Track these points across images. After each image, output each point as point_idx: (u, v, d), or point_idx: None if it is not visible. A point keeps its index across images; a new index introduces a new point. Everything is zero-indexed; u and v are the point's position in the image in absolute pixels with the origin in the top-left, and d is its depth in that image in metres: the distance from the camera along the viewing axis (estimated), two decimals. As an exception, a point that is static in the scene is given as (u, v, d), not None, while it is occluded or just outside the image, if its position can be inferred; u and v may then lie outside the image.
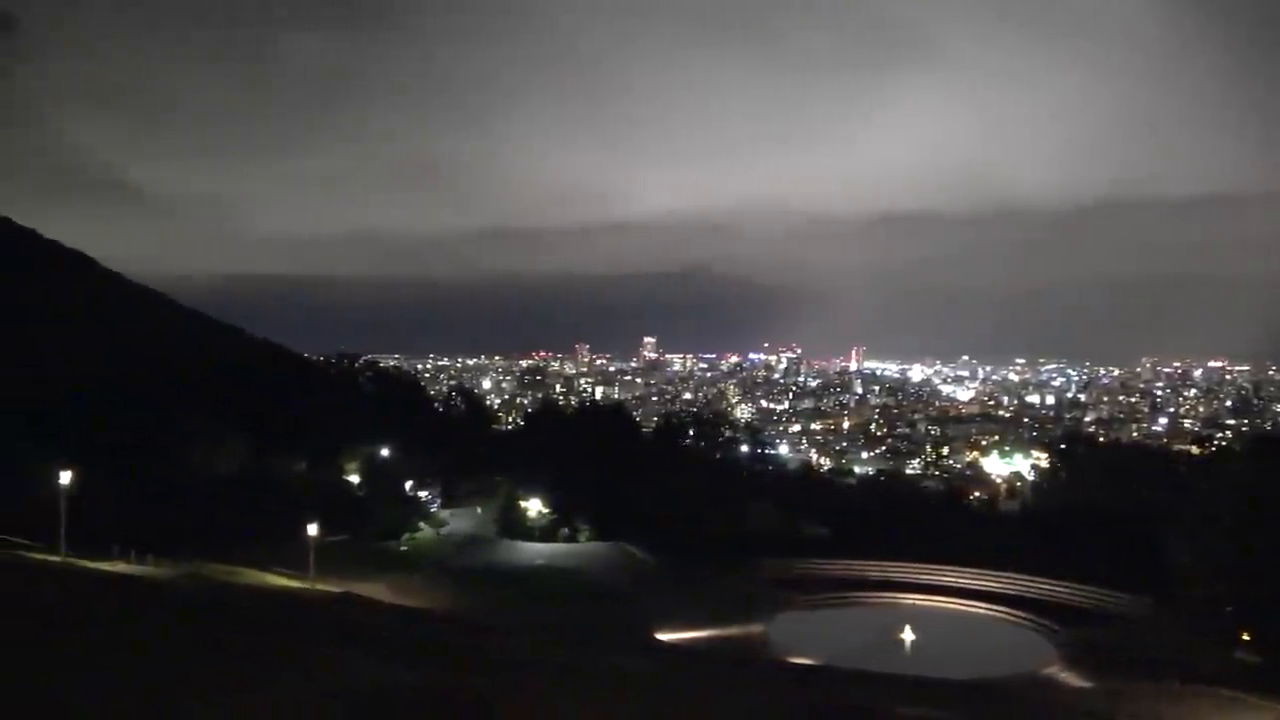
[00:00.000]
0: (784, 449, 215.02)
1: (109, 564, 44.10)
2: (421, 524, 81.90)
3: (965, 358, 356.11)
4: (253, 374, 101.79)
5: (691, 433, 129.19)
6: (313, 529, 52.63)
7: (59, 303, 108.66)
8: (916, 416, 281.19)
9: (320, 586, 49.10)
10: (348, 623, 31.45)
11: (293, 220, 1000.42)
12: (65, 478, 43.68)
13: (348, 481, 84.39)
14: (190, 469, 69.26)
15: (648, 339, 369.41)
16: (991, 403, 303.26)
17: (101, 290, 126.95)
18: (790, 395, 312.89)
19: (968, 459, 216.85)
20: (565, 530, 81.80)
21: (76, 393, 77.48)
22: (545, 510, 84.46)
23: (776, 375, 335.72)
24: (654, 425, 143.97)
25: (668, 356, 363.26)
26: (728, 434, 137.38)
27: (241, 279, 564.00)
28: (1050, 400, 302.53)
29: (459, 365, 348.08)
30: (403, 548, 74.53)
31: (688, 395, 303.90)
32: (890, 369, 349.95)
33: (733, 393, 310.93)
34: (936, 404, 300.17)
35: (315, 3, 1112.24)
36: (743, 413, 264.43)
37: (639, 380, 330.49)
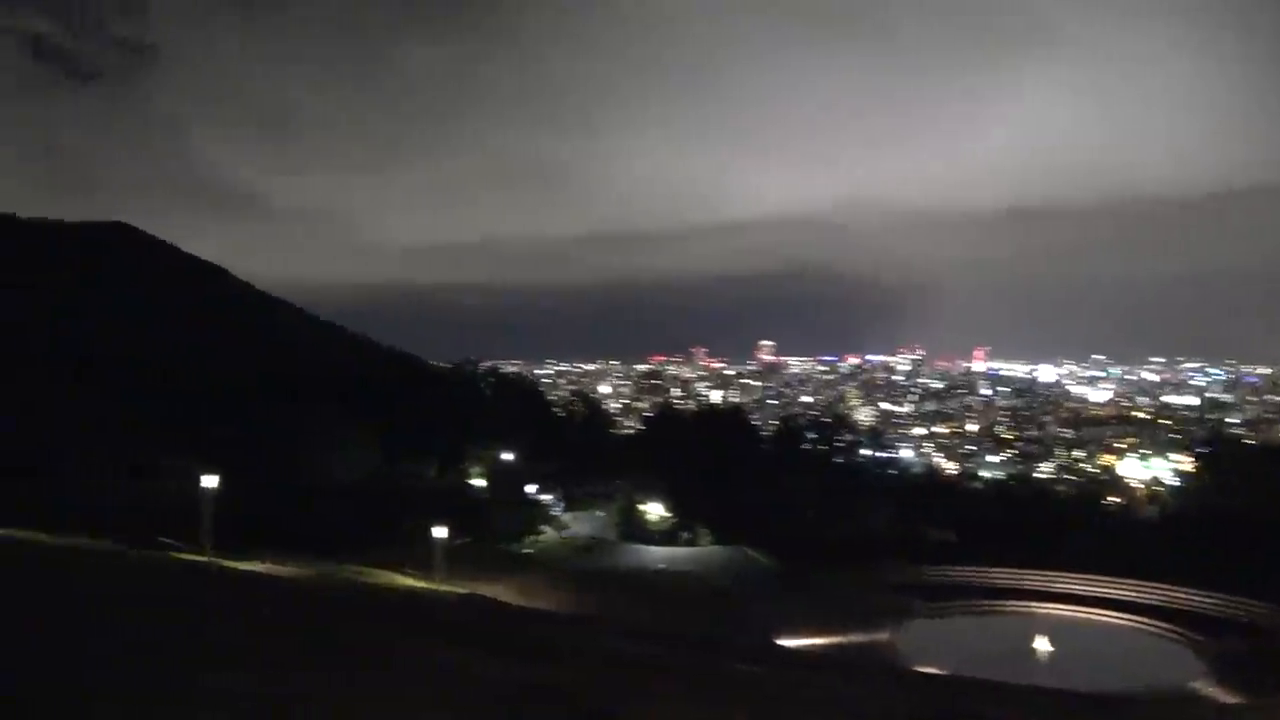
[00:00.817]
0: (907, 452, 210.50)
1: (250, 564, 46.21)
2: (544, 527, 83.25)
3: (1097, 356, 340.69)
4: (380, 381, 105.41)
5: (811, 436, 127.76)
6: (440, 532, 54.00)
7: (197, 312, 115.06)
8: (1046, 419, 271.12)
9: (447, 588, 50.35)
10: (473, 623, 32.20)
11: (413, 230, 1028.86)
12: (210, 481, 45.98)
13: (472, 485, 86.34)
14: (323, 474, 72.09)
15: (765, 341, 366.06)
16: (1127, 404, 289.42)
17: (236, 300, 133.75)
18: (913, 397, 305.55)
19: (1103, 463, 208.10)
20: (685, 534, 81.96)
21: (215, 400, 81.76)
22: (665, 514, 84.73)
23: (898, 377, 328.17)
24: (773, 428, 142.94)
25: (785, 359, 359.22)
26: (848, 437, 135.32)
27: (366, 288, 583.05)
28: (1191, 401, 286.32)
29: (577, 370, 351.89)
30: (526, 550, 75.79)
31: (806, 398, 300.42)
32: (1017, 369, 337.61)
33: (853, 395, 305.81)
34: (1067, 406, 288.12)
35: (429, 17, 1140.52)
36: (864, 416, 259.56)
37: (756, 383, 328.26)
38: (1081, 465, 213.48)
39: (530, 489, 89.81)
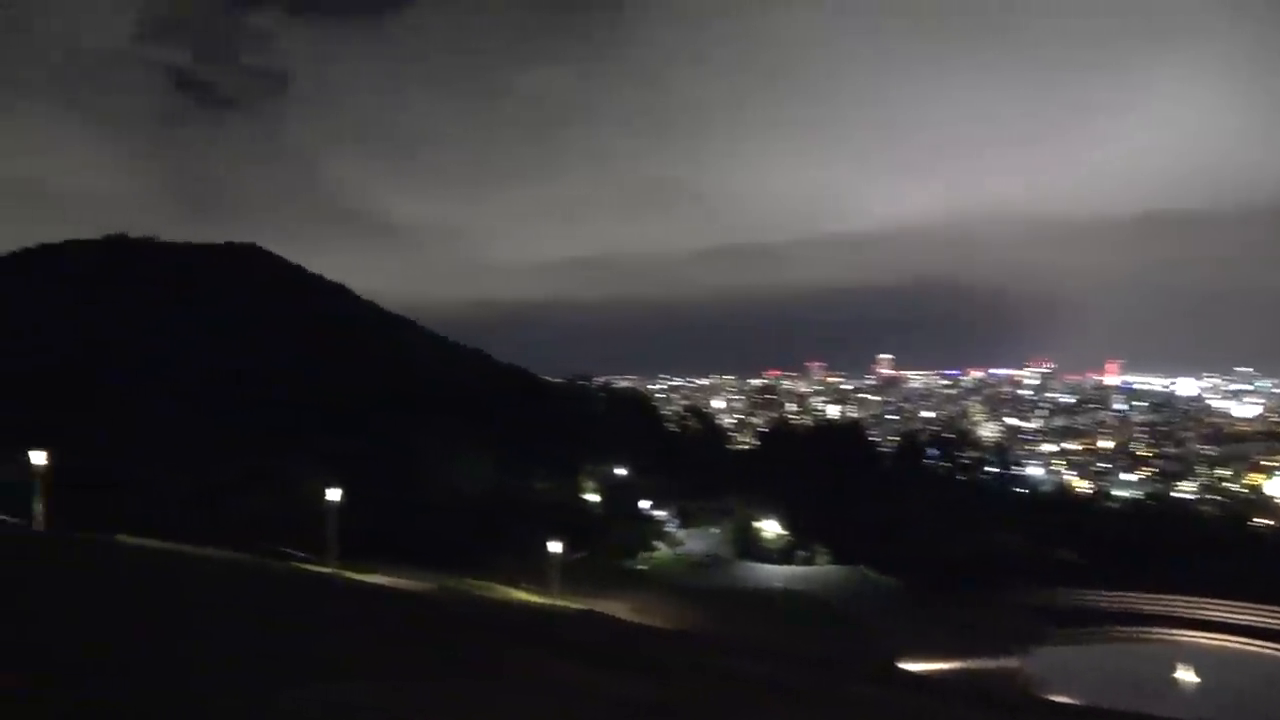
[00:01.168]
0: (1035, 470, 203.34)
1: (371, 575, 47.47)
2: (658, 543, 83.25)
3: (1242, 369, 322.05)
4: (496, 396, 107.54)
5: (933, 452, 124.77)
6: (555, 546, 54.52)
7: (319, 329, 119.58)
8: (1186, 435, 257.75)
9: (563, 603, 50.72)
10: (589, 639, 32.24)
11: (529, 247, 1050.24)
12: (334, 495, 47.51)
13: (586, 500, 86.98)
14: (441, 487, 73.67)
15: (883, 355, 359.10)
16: (1277, 419, 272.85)
17: (358, 317, 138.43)
18: (1041, 413, 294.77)
19: (1250, 482, 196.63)
20: (802, 553, 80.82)
21: (336, 413, 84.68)
22: (781, 532, 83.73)
23: (1025, 391, 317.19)
24: (892, 444, 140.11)
25: (905, 373, 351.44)
26: (972, 454, 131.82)
27: (484, 304, 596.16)
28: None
29: (690, 385, 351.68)
30: (641, 566, 75.87)
31: (927, 413, 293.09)
32: (1154, 383, 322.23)
33: (977, 410, 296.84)
34: (1209, 421, 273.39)
35: (547, 38, 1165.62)
36: (988, 431, 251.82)
37: (875, 398, 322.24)
38: (1226, 484, 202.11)
39: (644, 505, 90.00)
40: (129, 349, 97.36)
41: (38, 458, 37.07)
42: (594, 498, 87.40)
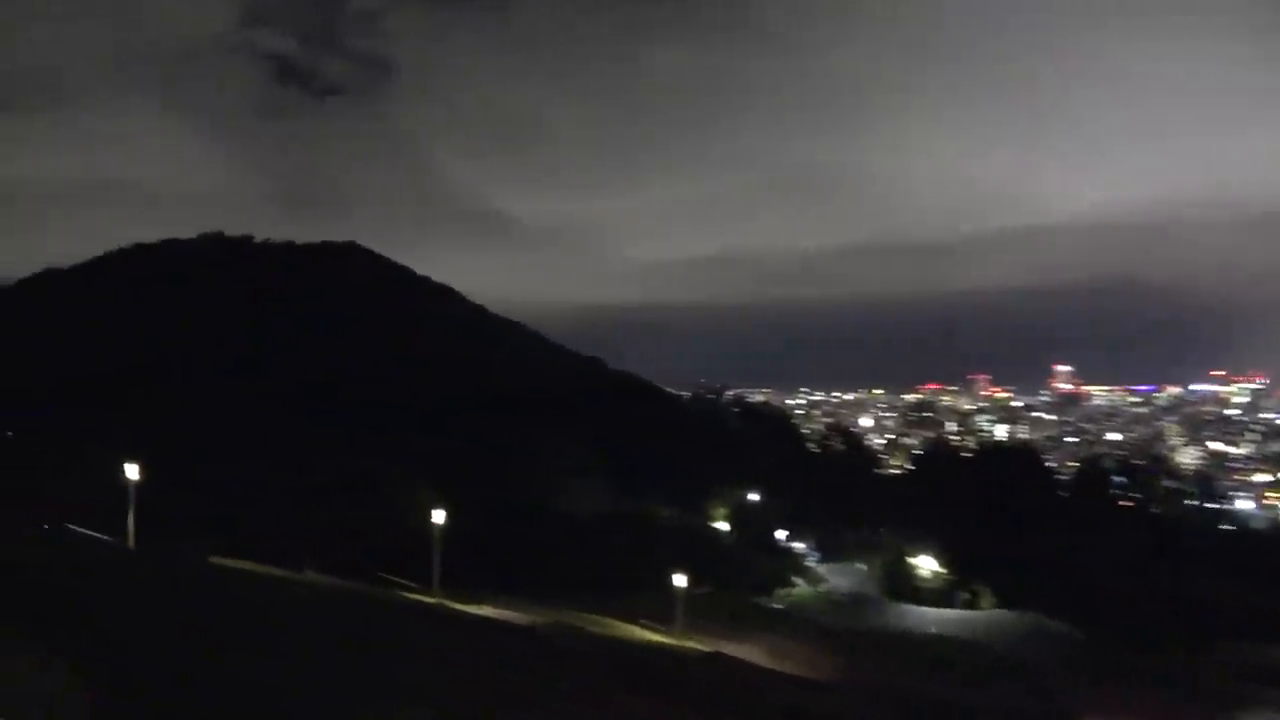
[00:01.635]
0: (1245, 503, 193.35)
1: (477, 606, 48.06)
2: (796, 579, 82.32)
3: None
4: (615, 409, 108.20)
5: (1120, 481, 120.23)
6: (680, 579, 54.17)
7: (424, 335, 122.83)
8: None
9: (689, 643, 50.32)
10: (717, 686, 31.79)
11: (657, 245, 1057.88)
12: (438, 517, 48.32)
13: (715, 528, 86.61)
14: (555, 509, 74.38)
15: (1061, 367, 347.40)
16: None
17: (466, 323, 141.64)
18: (1253, 436, 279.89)
19: None
20: (963, 594, 78.81)
21: (440, 428, 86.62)
22: (939, 569, 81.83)
23: (1232, 411, 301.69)
24: (1071, 471, 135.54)
25: (1086, 388, 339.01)
26: (1168, 483, 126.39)
27: (603, 309, 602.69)
28: None
29: (835, 399, 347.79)
30: (776, 605, 75.03)
31: (1114, 435, 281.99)
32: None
33: (1173, 432, 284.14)
34: None
35: (676, 16, 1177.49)
36: (1188, 458, 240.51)
37: (1051, 417, 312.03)
38: None
39: (781, 535, 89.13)
40: (221, 351, 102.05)
41: (130, 471, 38.78)
42: (724, 525, 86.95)
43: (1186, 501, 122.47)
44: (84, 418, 73.10)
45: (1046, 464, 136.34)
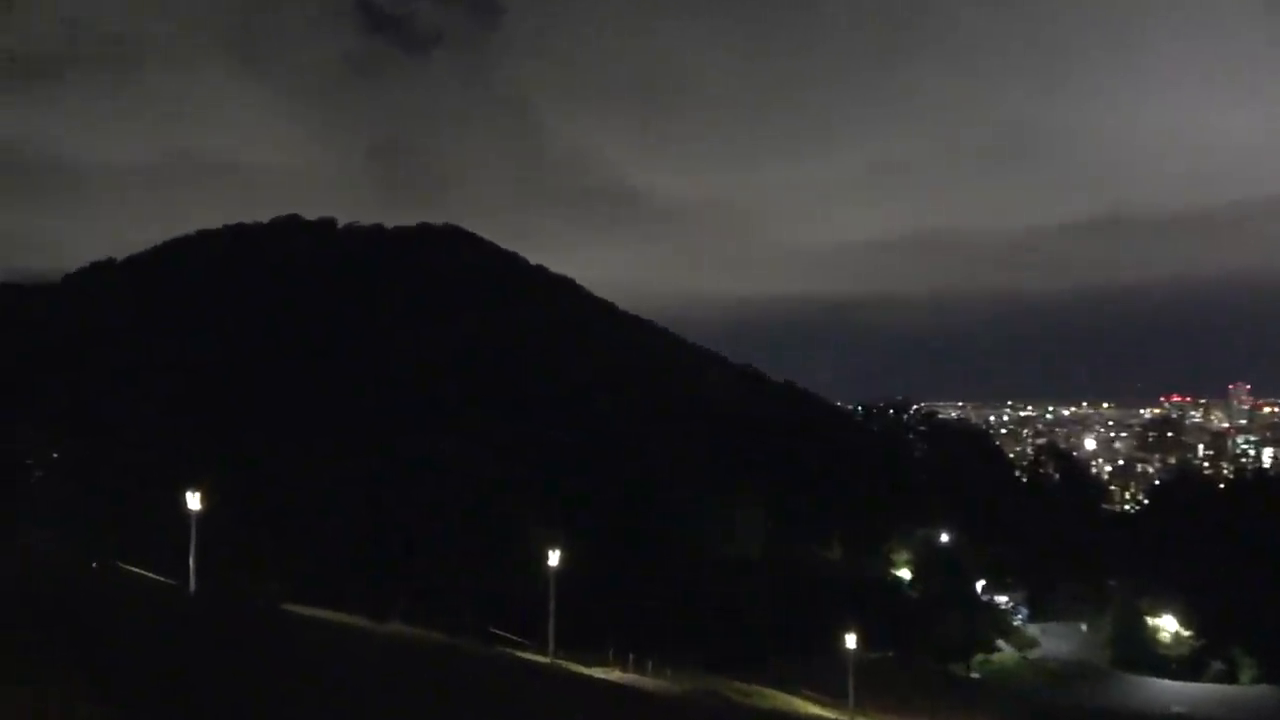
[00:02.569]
0: None
1: (603, 670, 48.77)
2: (999, 641, 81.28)
3: None
4: (770, 428, 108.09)
5: None
6: (851, 640, 54.03)
7: (541, 334, 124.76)
8: None
9: (860, 720, 50.25)
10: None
11: (822, 228, 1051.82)
12: (552, 559, 49.09)
13: (895, 576, 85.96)
14: (699, 551, 74.89)
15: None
16: None
17: (589, 322, 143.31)
18: None
19: None
20: (1217, 663, 76.82)
21: (553, 447, 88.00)
22: (1184, 632, 79.94)
23: None
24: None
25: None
26: None
27: (755, 304, 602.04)
28: None
29: (1050, 415, 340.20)
30: (973, 674, 74.27)
31: None
32: None
33: None
34: None
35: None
36: None
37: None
38: None
39: (980, 586, 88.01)
40: (298, 359, 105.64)
41: (191, 500, 40.16)
42: (907, 573, 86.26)
43: None
44: (138, 437, 76.83)
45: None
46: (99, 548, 47.58)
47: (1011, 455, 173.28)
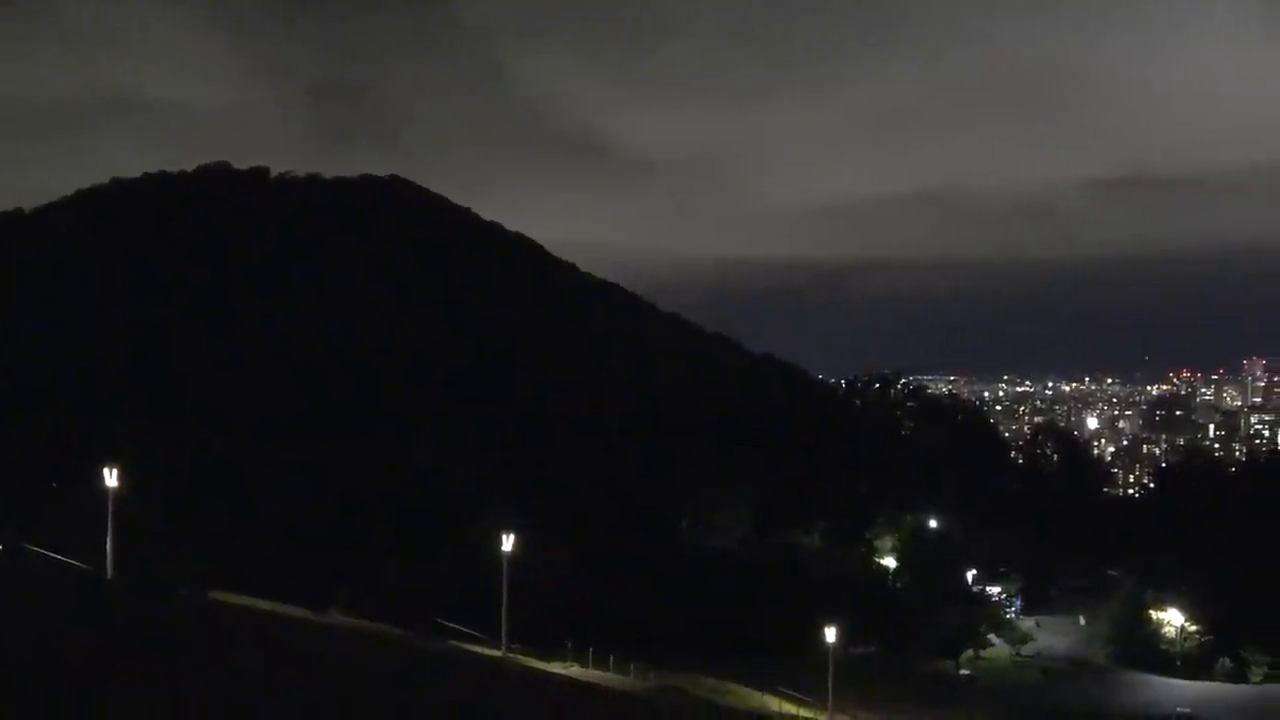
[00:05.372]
0: None
1: (561, 665, 48.83)
2: (992, 636, 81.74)
3: None
4: (749, 407, 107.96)
5: None
6: (830, 635, 54.22)
7: (499, 301, 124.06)
8: None
9: (840, 720, 50.52)
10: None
11: (812, 185, 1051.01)
12: (506, 543, 49.00)
13: (880, 565, 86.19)
14: (671, 539, 74.92)
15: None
16: None
17: (548, 285, 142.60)
18: None
19: None
20: (1226, 661, 77.58)
21: (510, 427, 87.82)
22: (1191, 627, 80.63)
23: None
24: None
25: None
26: None
27: (738, 267, 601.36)
28: None
29: (1050, 391, 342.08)
30: (963, 670, 74.68)
31: None
32: None
33: None
34: None
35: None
36: None
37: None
38: None
39: (971, 576, 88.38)
40: (228, 317, 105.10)
41: (108, 478, 39.48)
42: (893, 562, 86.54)
43: None
44: (49, 413, 76.17)
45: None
46: (4, 530, 46.74)
47: (1007, 434, 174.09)
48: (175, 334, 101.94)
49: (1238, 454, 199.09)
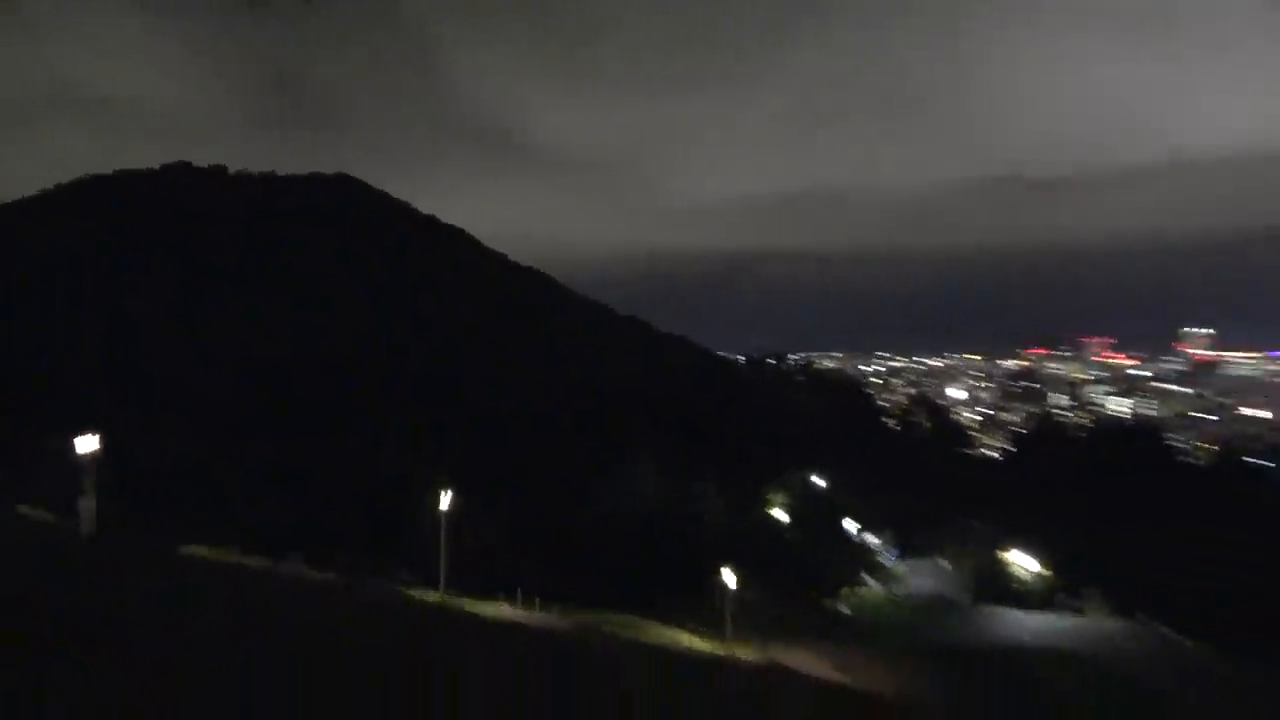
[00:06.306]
0: None
1: (493, 606, 49.12)
2: (868, 578, 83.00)
3: None
4: (658, 378, 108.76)
5: (1265, 467, 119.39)
6: (730, 578, 55.02)
7: (432, 288, 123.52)
8: None
9: (738, 652, 51.16)
10: (768, 703, 32.58)
11: (717, 182, 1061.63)
12: (444, 501, 49.23)
13: (773, 518, 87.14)
14: (587, 495, 75.30)
15: (1197, 330, 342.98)
16: None
17: (480, 273, 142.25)
18: None
19: None
20: (1068, 598, 79.25)
21: (440, 392, 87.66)
22: (1039, 570, 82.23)
23: None
24: (1205, 455, 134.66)
25: (1224, 354, 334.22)
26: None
27: (649, 258, 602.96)
28: None
29: (919, 366, 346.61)
30: (843, 608, 75.70)
31: (1259, 411, 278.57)
32: None
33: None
34: None
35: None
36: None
37: (1181, 389, 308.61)
38: None
39: (851, 527, 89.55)
40: (192, 307, 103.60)
41: (85, 443, 39.50)
42: (783, 515, 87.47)
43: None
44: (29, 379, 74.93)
45: (1173, 445, 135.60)
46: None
47: (884, 404, 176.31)
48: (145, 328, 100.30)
49: (1082, 420, 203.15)
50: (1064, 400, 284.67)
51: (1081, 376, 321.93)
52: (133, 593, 24.21)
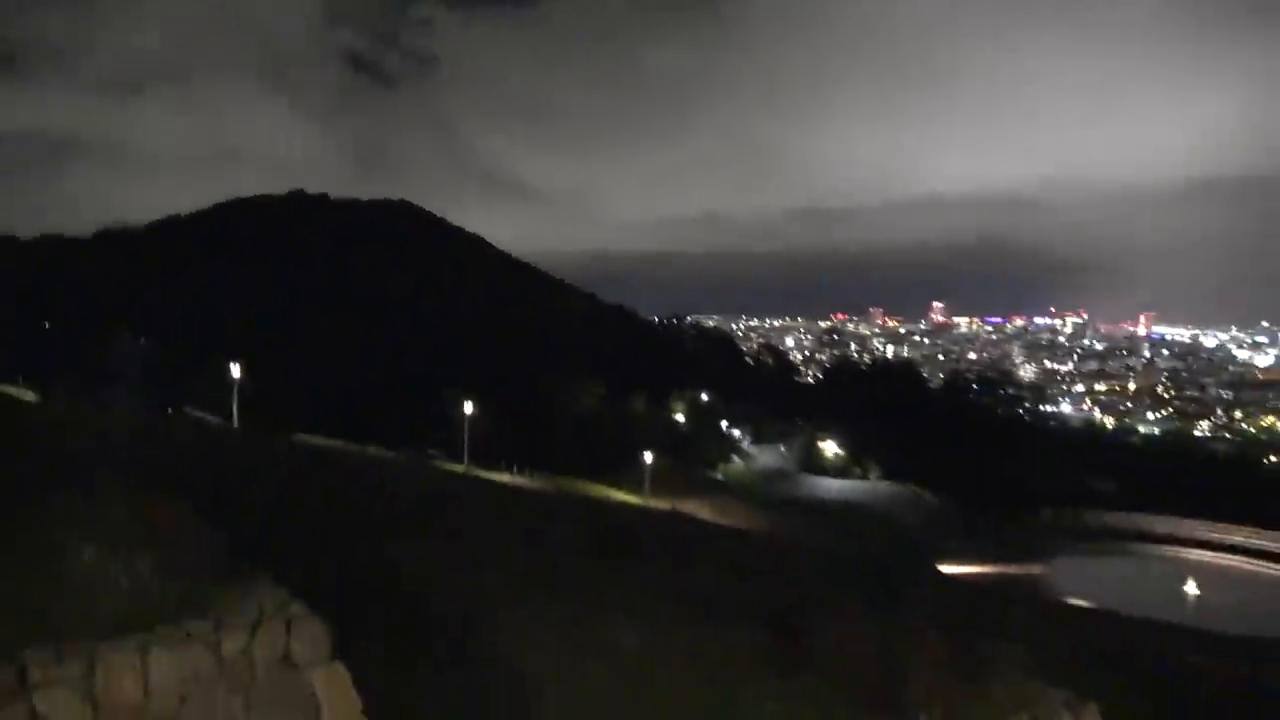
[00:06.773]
0: (1067, 407, 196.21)
1: (497, 474, 48.50)
2: (734, 456, 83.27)
3: (1264, 324, 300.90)
4: (604, 331, 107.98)
5: (975, 388, 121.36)
6: (648, 456, 54.85)
7: (461, 272, 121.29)
8: (1207, 380, 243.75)
9: (653, 503, 51.06)
10: (677, 535, 32.32)
11: (647, 205, 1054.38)
12: (468, 407, 48.60)
13: (675, 420, 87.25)
14: (558, 406, 74.71)
15: (936, 303, 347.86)
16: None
17: (492, 263, 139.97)
18: (1075, 357, 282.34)
19: (1265, 424, 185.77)
20: (858, 470, 80.00)
21: (471, 341, 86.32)
22: (840, 451, 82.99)
23: (1062, 338, 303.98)
24: (941, 381, 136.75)
25: (955, 320, 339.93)
26: (1010, 391, 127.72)
27: (601, 256, 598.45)
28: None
29: (767, 326, 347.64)
30: (719, 475, 76.08)
31: (973, 355, 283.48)
32: (1181, 334, 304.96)
33: (1017, 354, 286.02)
34: (1230, 369, 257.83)
35: (664, 20, 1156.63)
36: (1026, 373, 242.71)
37: (927, 341, 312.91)
38: (1241, 425, 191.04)
39: (724, 424, 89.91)
40: (307, 284, 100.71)
41: (234, 370, 38.76)
42: (682, 417, 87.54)
43: (1025, 405, 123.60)
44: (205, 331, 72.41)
45: (922, 375, 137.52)
46: (173, 400, 45.17)
47: (744, 349, 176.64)
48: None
49: (868, 360, 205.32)
50: (856, 348, 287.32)
51: (867, 333, 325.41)
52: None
